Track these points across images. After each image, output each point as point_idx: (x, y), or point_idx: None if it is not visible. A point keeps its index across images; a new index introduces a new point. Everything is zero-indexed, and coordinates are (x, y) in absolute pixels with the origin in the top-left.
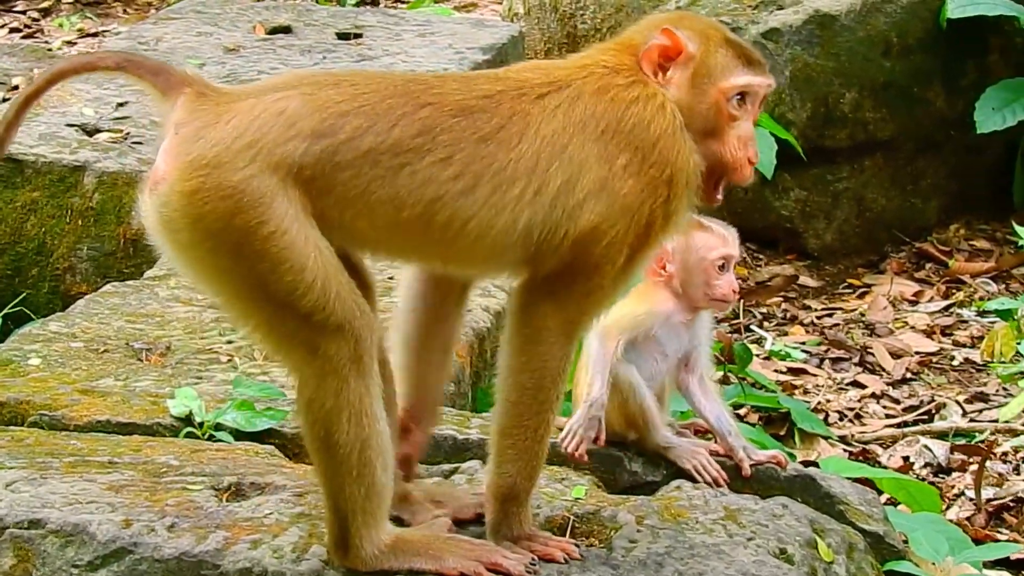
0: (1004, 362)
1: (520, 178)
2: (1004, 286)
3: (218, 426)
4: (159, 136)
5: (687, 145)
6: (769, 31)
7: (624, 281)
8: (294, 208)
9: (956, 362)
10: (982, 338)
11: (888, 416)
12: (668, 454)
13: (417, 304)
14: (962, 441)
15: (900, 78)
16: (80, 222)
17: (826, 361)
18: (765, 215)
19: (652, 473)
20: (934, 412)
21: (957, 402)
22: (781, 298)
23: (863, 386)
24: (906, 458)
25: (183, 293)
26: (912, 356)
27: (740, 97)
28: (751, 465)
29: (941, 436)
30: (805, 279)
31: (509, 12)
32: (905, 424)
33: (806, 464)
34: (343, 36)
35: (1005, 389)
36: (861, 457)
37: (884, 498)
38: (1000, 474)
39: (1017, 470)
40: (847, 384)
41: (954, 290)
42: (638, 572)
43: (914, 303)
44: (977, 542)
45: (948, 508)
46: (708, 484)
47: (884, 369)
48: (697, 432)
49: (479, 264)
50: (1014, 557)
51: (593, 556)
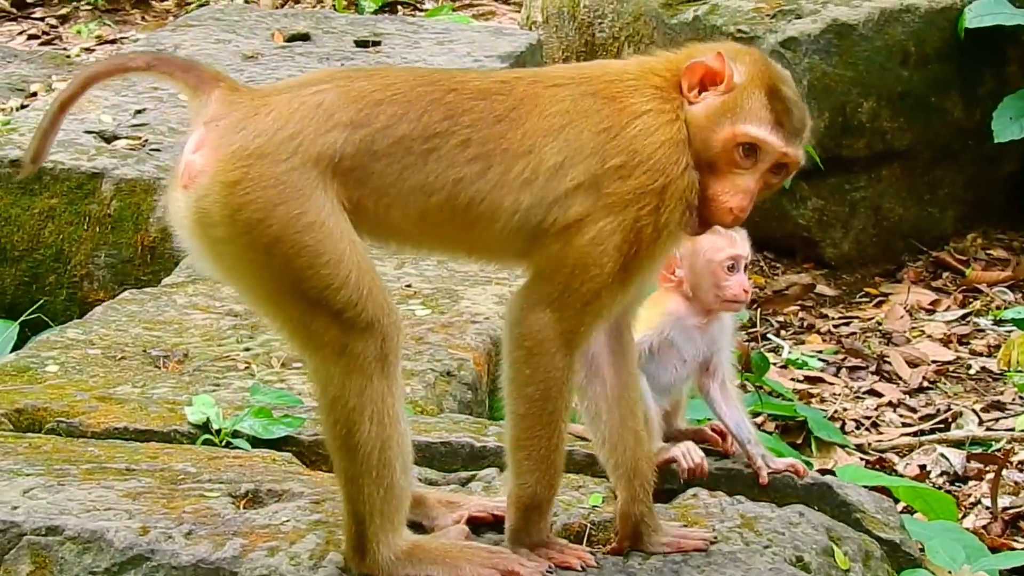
0: (1021, 371)
1: (522, 157)
2: (1021, 295)
3: (235, 433)
4: (189, 132)
5: (685, 162)
6: (787, 40)
7: (623, 291)
8: (331, 202)
9: (973, 371)
10: (999, 347)
11: (905, 425)
12: (660, 455)
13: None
14: (978, 450)
15: (917, 87)
16: (98, 229)
17: (843, 370)
18: (783, 224)
19: (669, 481)
20: (951, 421)
21: (974, 411)
22: (798, 307)
23: (880, 395)
24: (923, 467)
25: (201, 300)
26: (929, 365)
27: (749, 148)
28: (769, 473)
29: (957, 445)
30: (822, 288)
31: (527, 20)
32: (922, 433)
33: (823, 472)
34: (361, 44)
35: (1022, 398)
36: (878, 466)
37: (901, 506)
38: (1016, 483)
39: None
40: (864, 393)
41: (971, 299)
42: None
43: (931, 312)
44: (993, 550)
45: (964, 516)
46: (690, 470)
47: (901, 378)
48: (713, 431)
49: (497, 252)
50: None
51: (610, 564)
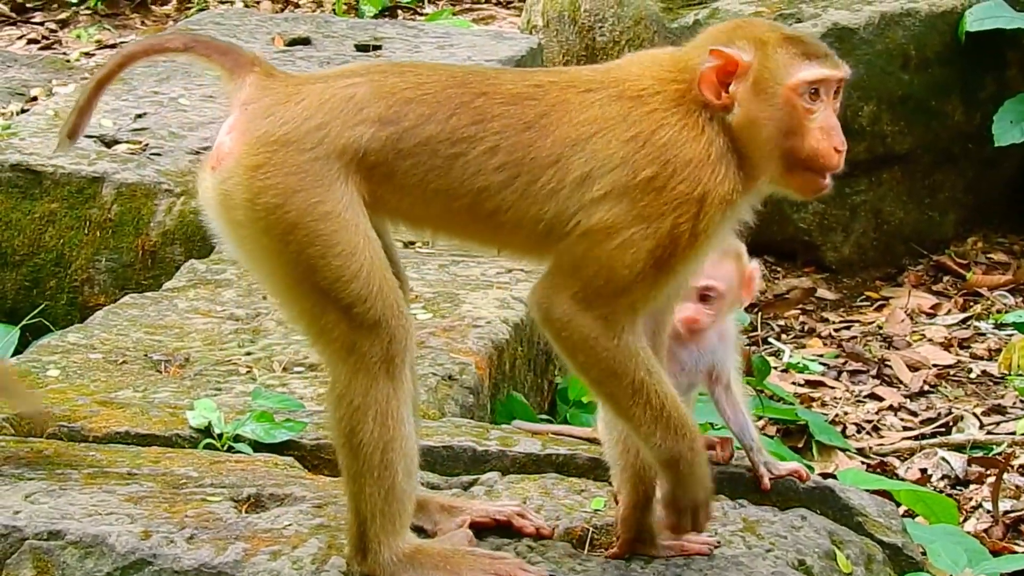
0: (1021, 374)
1: (549, 167)
2: (1022, 299)
3: (237, 438)
4: (225, 114)
5: (726, 170)
6: None
7: (657, 286)
8: (350, 195)
9: (973, 375)
10: (999, 351)
11: (906, 428)
12: None
13: None
14: (979, 453)
15: (918, 91)
16: (98, 233)
17: (844, 373)
18: (783, 228)
19: None
20: (951, 424)
21: (974, 414)
22: (799, 311)
23: (881, 398)
24: (924, 470)
25: (202, 305)
26: (930, 369)
27: (813, 91)
28: (771, 478)
29: (958, 448)
30: (823, 292)
31: (528, 25)
32: (923, 436)
33: (824, 476)
34: (362, 48)
35: (1022, 402)
36: (879, 469)
37: (902, 510)
38: (1017, 486)
39: None
40: (865, 396)
41: (971, 303)
42: None
43: (931, 316)
44: (995, 554)
45: (965, 520)
46: None
47: (902, 382)
48: (709, 446)
49: (525, 250)
50: None
51: (612, 568)
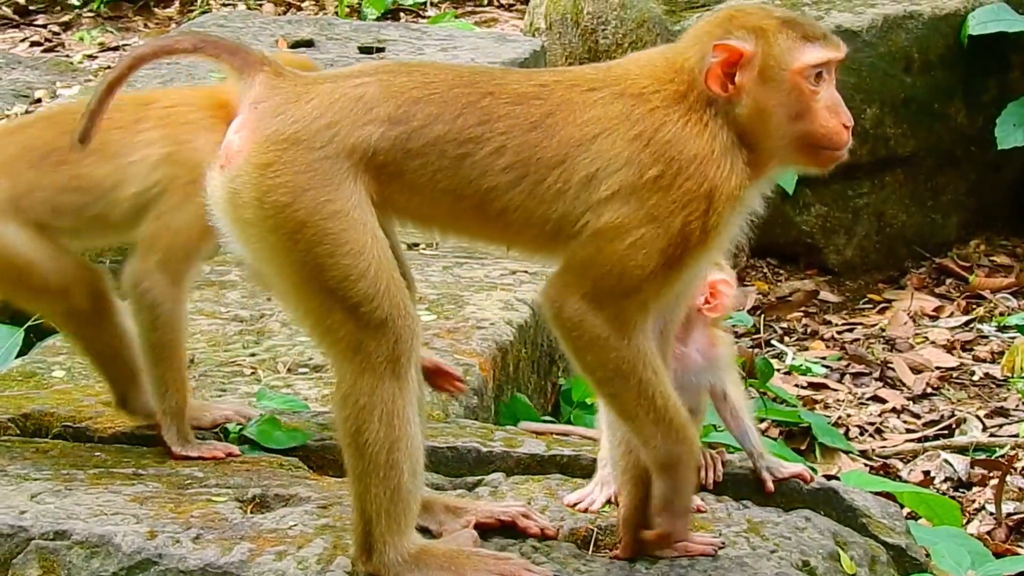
0: None
1: (555, 167)
2: None
3: (242, 438)
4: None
5: (732, 164)
6: None
7: (667, 284)
8: (359, 194)
9: (976, 377)
10: (1002, 353)
11: (908, 431)
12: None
13: None
14: (982, 456)
15: (921, 94)
16: None
17: (847, 376)
18: (786, 230)
19: None
20: (954, 427)
21: (977, 417)
22: (802, 313)
23: (883, 401)
24: (927, 472)
25: (207, 306)
26: (932, 371)
27: (817, 73)
28: (775, 481)
29: (961, 451)
30: (825, 294)
31: (530, 27)
32: (925, 439)
33: (828, 478)
34: (365, 50)
35: None
36: (882, 471)
37: (905, 512)
38: (1020, 489)
39: None
40: (867, 399)
41: (974, 305)
42: None
43: (934, 318)
44: (998, 556)
45: (968, 522)
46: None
47: (904, 384)
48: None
49: (534, 249)
50: None
51: (616, 568)
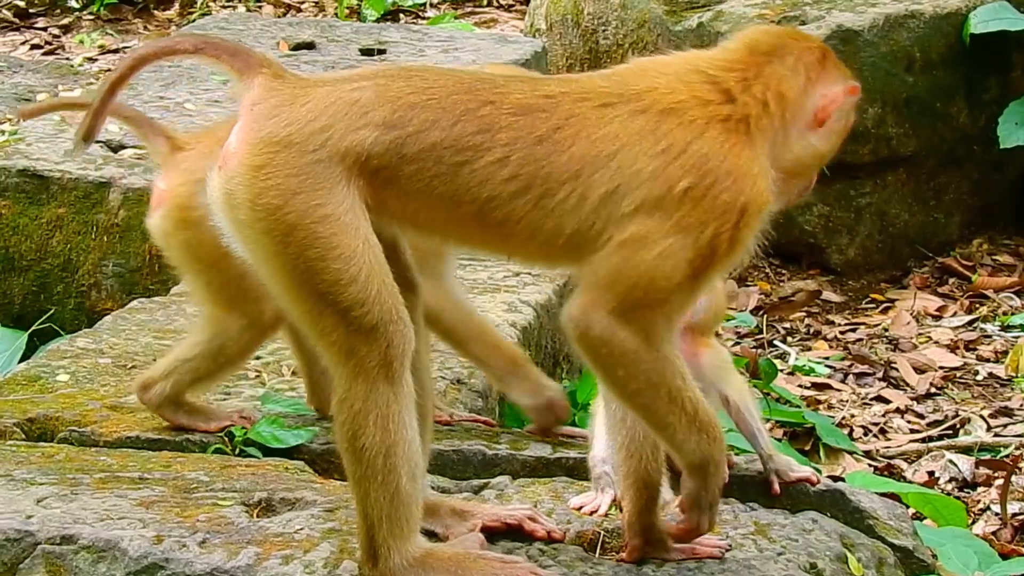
0: None
1: (567, 182)
2: None
3: (247, 442)
4: (234, 116)
5: (765, 182)
6: None
7: (692, 294)
8: (351, 198)
9: (980, 377)
10: (1006, 353)
11: (913, 431)
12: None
13: None
14: (987, 456)
15: (923, 93)
16: (105, 238)
17: (850, 376)
18: (788, 230)
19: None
20: (958, 427)
21: (981, 417)
22: (804, 313)
23: (887, 401)
24: (931, 473)
25: None
26: (936, 371)
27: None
28: (782, 484)
29: (966, 451)
30: (828, 294)
31: (531, 28)
32: (930, 439)
33: (832, 479)
34: (367, 52)
35: None
36: (886, 472)
37: (910, 513)
38: None
39: None
40: (871, 399)
41: (977, 305)
42: None
43: (937, 318)
44: (1004, 557)
45: (974, 523)
46: None
47: (908, 384)
48: None
49: (537, 260)
50: None
51: (624, 571)
